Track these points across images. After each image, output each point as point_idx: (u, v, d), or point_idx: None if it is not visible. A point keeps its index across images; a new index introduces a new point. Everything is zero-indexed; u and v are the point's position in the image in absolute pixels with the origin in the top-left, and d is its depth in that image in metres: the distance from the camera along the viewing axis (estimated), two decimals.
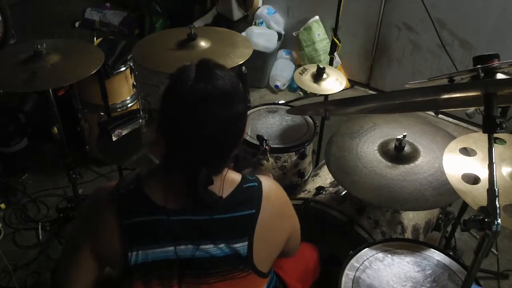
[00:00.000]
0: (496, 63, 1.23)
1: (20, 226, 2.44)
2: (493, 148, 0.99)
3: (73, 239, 1.13)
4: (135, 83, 2.68)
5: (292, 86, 3.70)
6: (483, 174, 1.26)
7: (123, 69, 2.60)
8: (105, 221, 1.01)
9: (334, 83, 2.08)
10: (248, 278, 1.04)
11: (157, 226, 0.99)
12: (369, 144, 1.77)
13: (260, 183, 1.07)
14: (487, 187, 0.97)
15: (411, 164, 1.66)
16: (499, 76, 1.23)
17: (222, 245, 0.99)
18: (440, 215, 1.93)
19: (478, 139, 1.42)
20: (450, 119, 3.32)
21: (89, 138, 2.70)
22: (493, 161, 0.98)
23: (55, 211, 2.52)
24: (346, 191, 1.77)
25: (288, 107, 2.32)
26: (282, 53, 3.80)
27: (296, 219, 1.21)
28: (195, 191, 0.96)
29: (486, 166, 0.99)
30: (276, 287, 1.28)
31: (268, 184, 1.09)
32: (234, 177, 1.06)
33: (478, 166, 1.31)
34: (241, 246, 1.00)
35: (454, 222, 1.93)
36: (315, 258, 1.57)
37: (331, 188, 1.86)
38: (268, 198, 1.05)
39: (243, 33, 3.56)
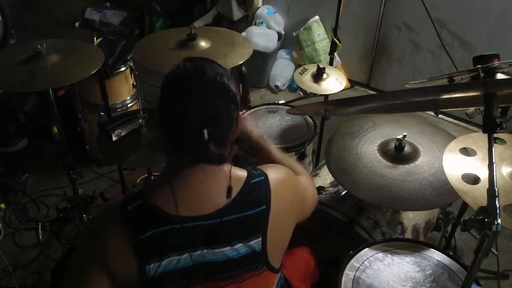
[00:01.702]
0: (496, 63, 1.23)
1: (20, 226, 2.44)
2: (493, 148, 0.99)
3: (82, 262, 1.05)
4: (135, 83, 2.68)
5: (292, 86, 3.70)
6: (483, 174, 1.26)
7: (123, 69, 2.60)
8: (117, 242, 0.98)
9: (334, 83, 2.08)
10: (262, 275, 1.05)
11: (172, 236, 0.98)
12: (369, 144, 1.77)
13: (266, 176, 1.07)
14: (487, 187, 0.97)
15: (411, 164, 1.66)
16: (499, 76, 1.23)
17: (239, 245, 1.00)
18: (440, 215, 1.93)
19: (478, 139, 1.42)
20: (450, 119, 3.32)
21: (89, 138, 2.71)
22: (493, 161, 0.98)
23: (55, 211, 2.52)
24: (346, 191, 1.77)
25: (288, 107, 2.32)
26: (282, 53, 3.80)
27: (303, 195, 1.21)
28: (199, 146, 0.94)
29: (486, 166, 0.99)
30: (283, 285, 1.27)
31: (274, 175, 1.09)
32: (240, 174, 1.06)
33: (478, 166, 1.31)
34: (255, 243, 1.01)
35: (454, 222, 1.93)
36: (312, 263, 1.58)
37: (331, 188, 1.86)
38: (276, 190, 1.06)
39: (243, 33, 3.56)
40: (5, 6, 3.54)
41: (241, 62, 1.78)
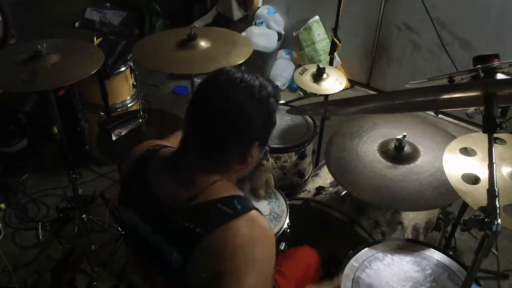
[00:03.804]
0: (496, 63, 1.23)
1: (20, 226, 2.44)
2: (493, 148, 0.99)
3: None
4: (135, 83, 2.68)
5: (292, 86, 3.70)
6: (483, 174, 1.26)
7: (123, 69, 2.60)
8: (126, 169, 1.13)
9: (334, 83, 2.08)
10: None
11: (142, 196, 1.04)
12: (369, 144, 1.77)
13: (236, 215, 0.93)
14: (487, 187, 0.97)
15: (411, 164, 1.66)
16: (499, 76, 1.23)
17: (169, 248, 0.97)
18: (440, 215, 1.93)
19: (478, 139, 1.42)
20: (450, 119, 3.32)
21: (89, 138, 2.71)
22: (493, 161, 0.98)
23: (55, 211, 2.52)
24: (346, 191, 1.77)
25: (288, 107, 2.32)
26: (282, 53, 3.80)
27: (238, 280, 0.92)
28: (178, 159, 0.98)
29: (486, 166, 0.99)
30: None
31: (244, 225, 0.93)
32: (222, 190, 0.97)
33: (478, 166, 1.31)
34: (177, 258, 0.95)
35: (454, 222, 1.93)
36: (316, 262, 1.57)
37: (331, 188, 1.86)
38: (225, 232, 0.92)
39: (243, 33, 3.57)
40: (5, 6, 3.53)
41: (241, 62, 1.78)
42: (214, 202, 0.95)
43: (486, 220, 0.93)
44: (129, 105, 2.72)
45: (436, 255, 1.43)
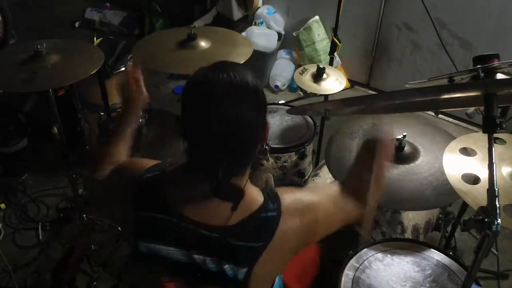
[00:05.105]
0: (496, 63, 1.23)
1: (20, 226, 2.44)
2: (493, 148, 0.99)
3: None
4: None
5: (292, 86, 3.70)
6: (483, 174, 1.26)
7: (123, 69, 2.59)
8: (123, 202, 1.02)
9: (334, 83, 2.09)
10: None
11: (166, 227, 0.98)
12: None
13: (279, 214, 0.98)
14: (487, 187, 0.97)
15: (411, 164, 1.66)
16: (499, 76, 1.23)
17: (226, 266, 0.96)
18: (440, 215, 1.93)
19: (478, 139, 1.42)
20: (450, 119, 3.32)
21: (89, 138, 2.71)
22: (493, 161, 0.98)
23: (55, 211, 2.52)
24: None
25: (288, 107, 2.32)
26: (282, 53, 3.80)
27: (313, 235, 1.08)
28: (217, 180, 0.92)
29: (486, 166, 0.99)
30: None
31: (291, 220, 0.99)
32: (256, 198, 0.99)
33: (478, 166, 1.31)
34: (241, 272, 0.96)
35: (454, 222, 1.93)
36: (316, 262, 1.57)
37: None
38: (283, 233, 0.97)
39: (243, 33, 3.56)
40: (5, 6, 3.54)
41: (241, 62, 1.78)
42: (257, 214, 0.97)
43: (486, 220, 0.93)
44: None
45: (436, 255, 1.43)
